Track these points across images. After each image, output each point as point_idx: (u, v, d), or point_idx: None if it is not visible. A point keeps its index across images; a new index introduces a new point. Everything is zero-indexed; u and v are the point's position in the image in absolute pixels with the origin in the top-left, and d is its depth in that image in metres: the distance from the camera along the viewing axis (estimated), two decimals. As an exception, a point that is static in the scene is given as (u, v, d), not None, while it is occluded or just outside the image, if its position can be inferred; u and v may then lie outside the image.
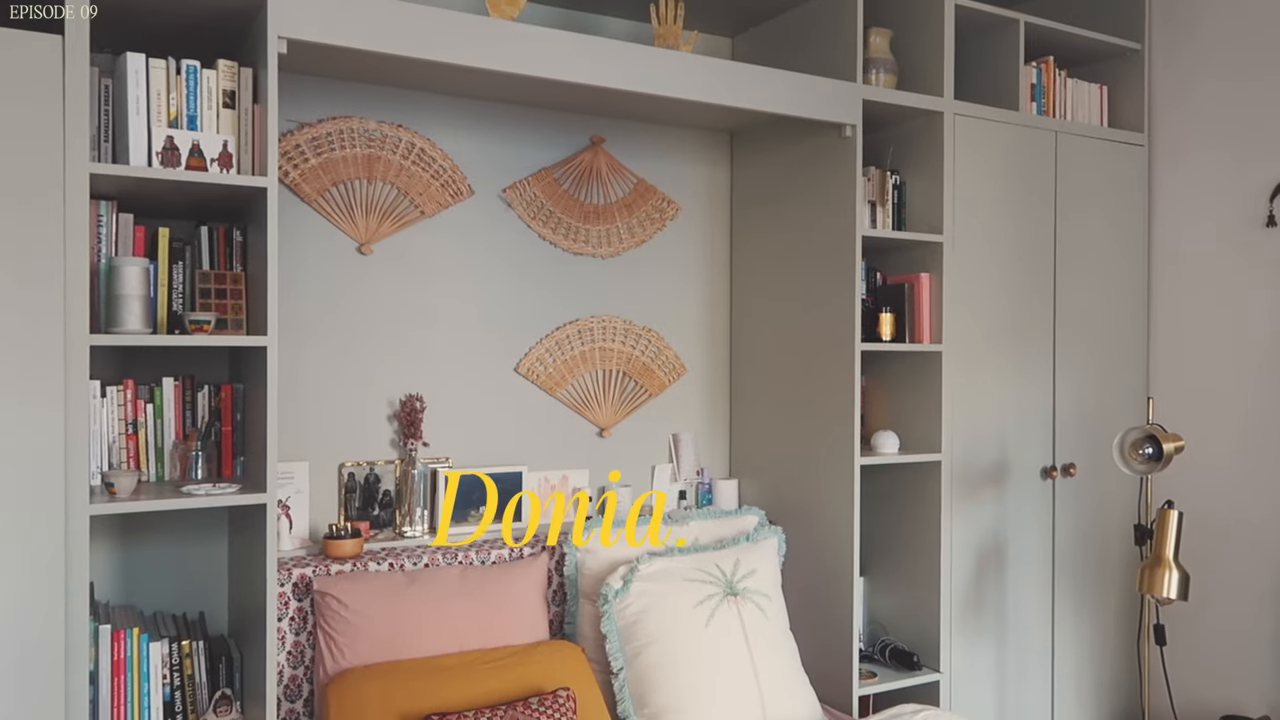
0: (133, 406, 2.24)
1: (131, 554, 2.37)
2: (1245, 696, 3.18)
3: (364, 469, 2.67)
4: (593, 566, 2.62)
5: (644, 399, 3.12)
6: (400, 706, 2.17)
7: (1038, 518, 3.17)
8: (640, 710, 2.40)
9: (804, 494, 2.95)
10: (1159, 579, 2.66)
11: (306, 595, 2.41)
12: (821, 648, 2.85)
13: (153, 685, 2.19)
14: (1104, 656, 3.32)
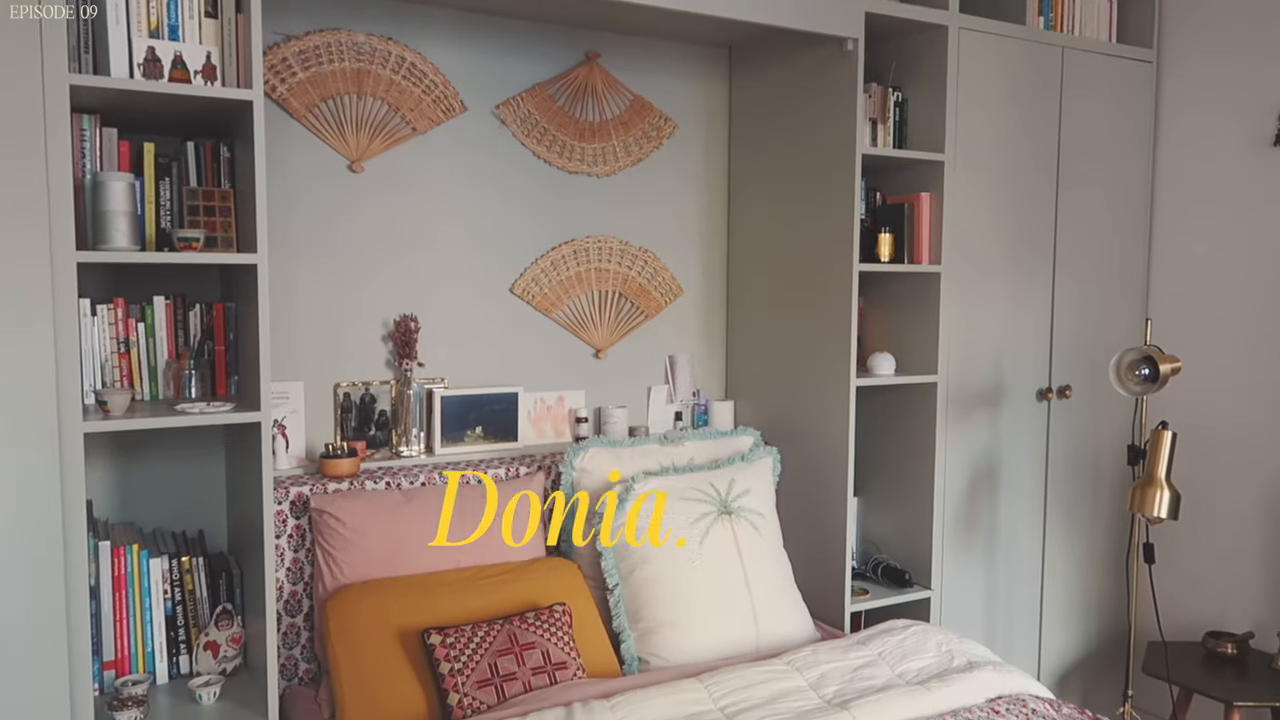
0: (124, 325, 2.22)
1: (129, 473, 2.38)
2: (1230, 613, 3.24)
3: (359, 389, 2.67)
4: (589, 485, 2.63)
5: (640, 320, 3.11)
6: (398, 621, 2.21)
7: (1031, 439, 3.18)
8: (635, 625, 2.44)
9: (799, 415, 2.96)
10: (1150, 498, 2.69)
11: (304, 513, 2.43)
12: (815, 566, 2.89)
13: (154, 600, 2.22)
14: (1092, 575, 3.37)
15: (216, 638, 2.25)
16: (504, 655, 2.16)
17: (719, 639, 2.44)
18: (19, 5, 1.77)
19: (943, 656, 2.38)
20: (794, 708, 2.10)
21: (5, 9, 1.77)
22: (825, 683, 2.22)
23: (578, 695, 2.10)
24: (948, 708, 2.17)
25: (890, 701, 2.13)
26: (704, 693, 2.13)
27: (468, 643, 2.15)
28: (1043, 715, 2.18)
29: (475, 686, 2.09)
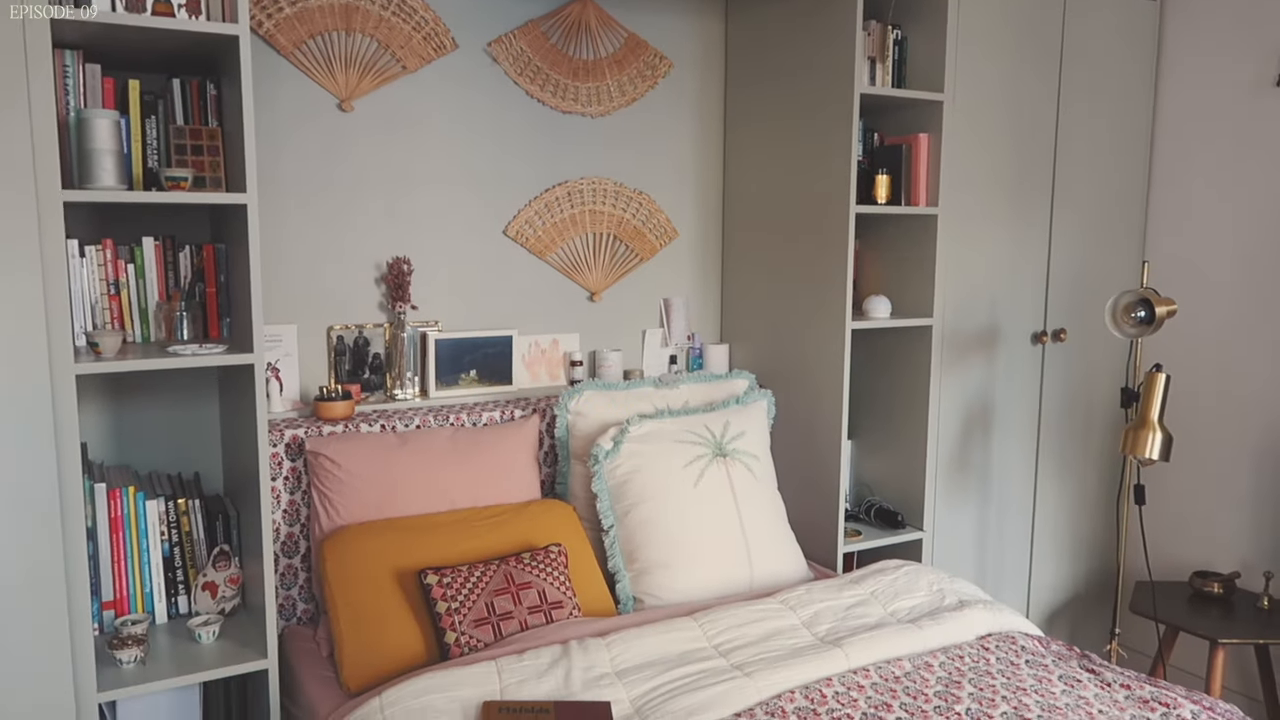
0: (113, 266, 2.19)
1: (123, 416, 2.37)
2: (1217, 554, 3.28)
3: (353, 332, 2.66)
4: (583, 428, 2.64)
5: (635, 263, 3.09)
6: (395, 561, 2.22)
7: (1025, 383, 3.19)
8: (630, 565, 2.46)
9: (794, 358, 2.96)
10: (1142, 440, 2.70)
11: (299, 456, 2.43)
12: (808, 507, 2.91)
13: (151, 542, 2.23)
14: (1083, 517, 3.40)
15: (214, 578, 2.27)
16: (500, 595, 2.18)
17: (713, 579, 2.46)
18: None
19: (934, 595, 2.41)
20: (787, 645, 2.13)
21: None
22: (818, 621, 2.25)
23: (574, 634, 2.12)
24: (939, 645, 2.21)
25: (882, 639, 2.16)
26: (698, 631, 2.16)
27: (464, 583, 2.16)
28: (1032, 652, 2.21)
29: (472, 625, 2.12)
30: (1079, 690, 2.04)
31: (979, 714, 1.91)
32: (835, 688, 1.98)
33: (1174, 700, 1.99)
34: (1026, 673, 2.10)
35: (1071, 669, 2.14)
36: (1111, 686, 2.06)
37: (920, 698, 1.97)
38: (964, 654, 2.17)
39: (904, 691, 1.99)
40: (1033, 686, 2.04)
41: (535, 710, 1.80)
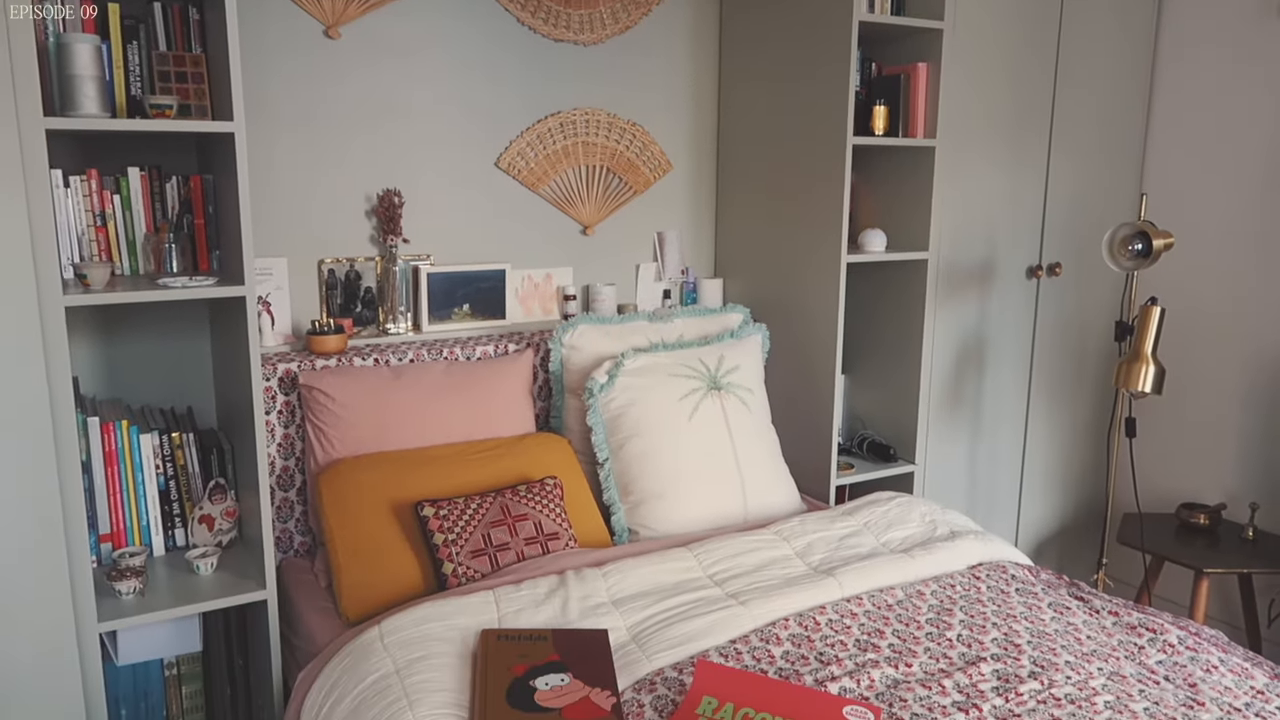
0: (99, 198, 2.16)
1: (115, 350, 2.35)
2: (1205, 486, 3.32)
3: (344, 265, 2.63)
4: (578, 362, 2.63)
5: (628, 196, 3.05)
6: (391, 494, 2.23)
7: (1019, 317, 3.19)
8: (625, 498, 2.47)
9: (789, 292, 2.94)
10: (1135, 373, 2.71)
11: (293, 390, 2.42)
12: (802, 441, 2.93)
13: (146, 475, 2.22)
14: (1073, 450, 3.43)
15: (211, 511, 2.27)
16: (497, 526, 2.19)
17: (708, 511, 2.48)
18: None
19: (926, 526, 2.44)
20: (781, 575, 2.15)
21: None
22: (812, 551, 2.28)
23: (570, 564, 2.14)
24: (930, 574, 2.24)
25: (875, 569, 2.19)
26: (693, 561, 2.18)
27: (460, 514, 2.18)
28: (1022, 580, 2.24)
29: (469, 556, 2.13)
30: (1068, 617, 2.07)
31: (970, 640, 1.95)
32: (829, 615, 2.01)
33: (1160, 626, 2.02)
34: (1016, 600, 2.14)
35: (1061, 597, 2.17)
36: (1100, 613, 2.10)
37: (912, 624, 2.00)
38: (955, 583, 2.20)
39: (896, 619, 2.02)
40: (1023, 614, 2.07)
41: (533, 638, 1.82)
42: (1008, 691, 1.76)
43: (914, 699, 1.72)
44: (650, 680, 1.76)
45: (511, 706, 1.61)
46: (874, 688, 1.77)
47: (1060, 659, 1.88)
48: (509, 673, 1.71)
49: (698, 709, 1.66)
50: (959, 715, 1.68)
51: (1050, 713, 1.70)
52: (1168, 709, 1.73)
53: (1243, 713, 1.73)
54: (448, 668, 1.74)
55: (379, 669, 1.75)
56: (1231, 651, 1.94)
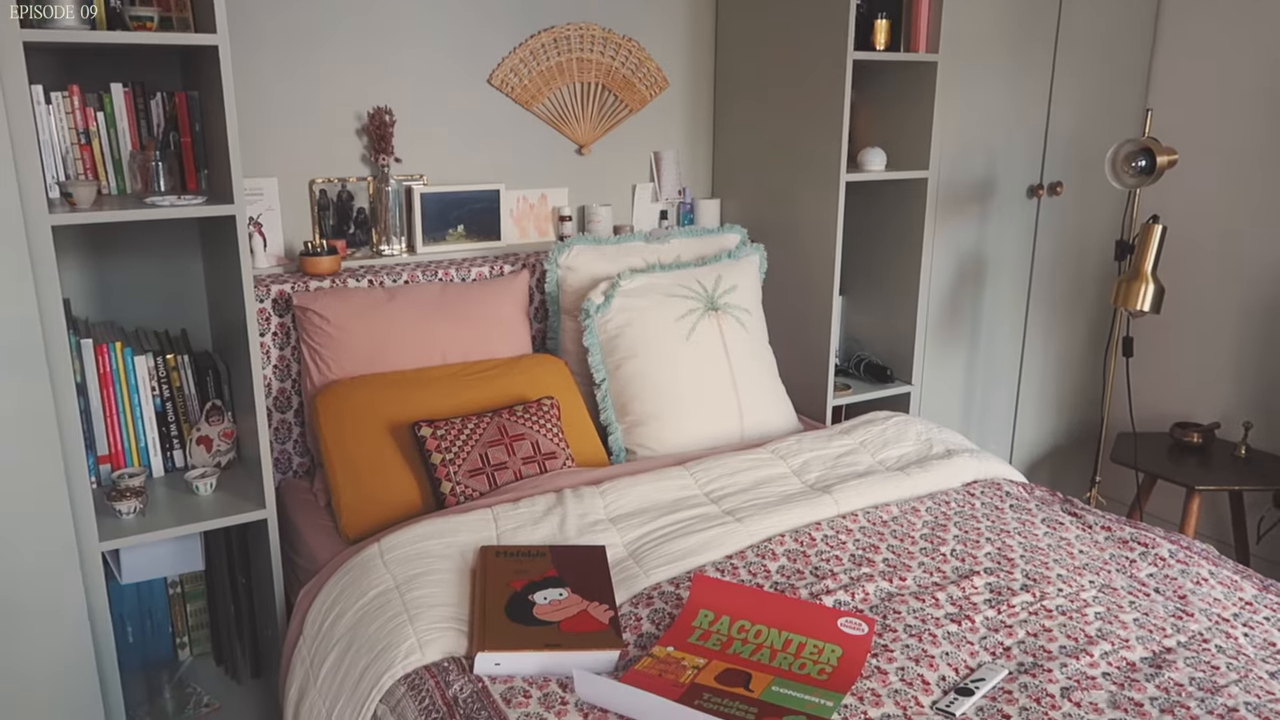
0: (82, 115, 2.11)
1: (106, 272, 2.33)
2: (1199, 406, 3.33)
3: (335, 185, 2.59)
4: (574, 283, 2.61)
5: (624, 114, 2.99)
6: (388, 414, 2.23)
7: (1019, 237, 3.16)
8: (622, 418, 2.48)
9: (787, 212, 2.91)
10: (1134, 292, 2.70)
11: (287, 311, 2.41)
12: (799, 362, 2.92)
13: (143, 397, 2.22)
14: (1069, 371, 3.43)
15: (208, 433, 2.27)
16: (494, 446, 2.20)
17: (705, 431, 2.49)
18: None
19: (922, 444, 2.45)
20: (777, 492, 2.17)
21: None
22: (808, 469, 2.29)
23: (567, 482, 2.15)
24: (925, 491, 2.25)
25: (870, 486, 2.20)
26: (690, 479, 2.19)
27: (458, 434, 2.18)
28: (1016, 497, 2.26)
29: (467, 475, 2.14)
30: (1061, 532, 2.09)
31: (963, 554, 1.97)
32: (824, 531, 2.03)
33: (1152, 540, 2.05)
34: (1010, 516, 2.16)
35: (1054, 512, 2.19)
36: (1092, 528, 2.12)
37: (907, 540, 2.02)
38: (950, 500, 2.22)
39: (891, 534, 2.04)
40: (1016, 529, 2.09)
41: (532, 554, 1.84)
42: (1000, 603, 1.78)
43: (908, 611, 1.75)
44: (647, 594, 1.79)
45: (510, 619, 1.64)
46: (868, 601, 1.80)
47: (1052, 572, 1.90)
48: (507, 587, 1.73)
49: (694, 622, 1.68)
50: (952, 626, 1.71)
51: (1041, 623, 1.73)
52: (1157, 619, 1.76)
53: (1230, 623, 1.76)
54: (447, 583, 1.76)
55: (379, 585, 1.78)
56: (1221, 564, 1.97)
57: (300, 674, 1.79)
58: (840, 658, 1.59)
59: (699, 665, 1.56)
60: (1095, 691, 1.54)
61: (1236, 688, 1.55)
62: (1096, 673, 1.59)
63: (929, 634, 1.68)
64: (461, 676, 1.55)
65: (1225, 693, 1.54)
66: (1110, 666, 1.61)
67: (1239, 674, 1.59)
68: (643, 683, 1.50)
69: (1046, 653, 1.64)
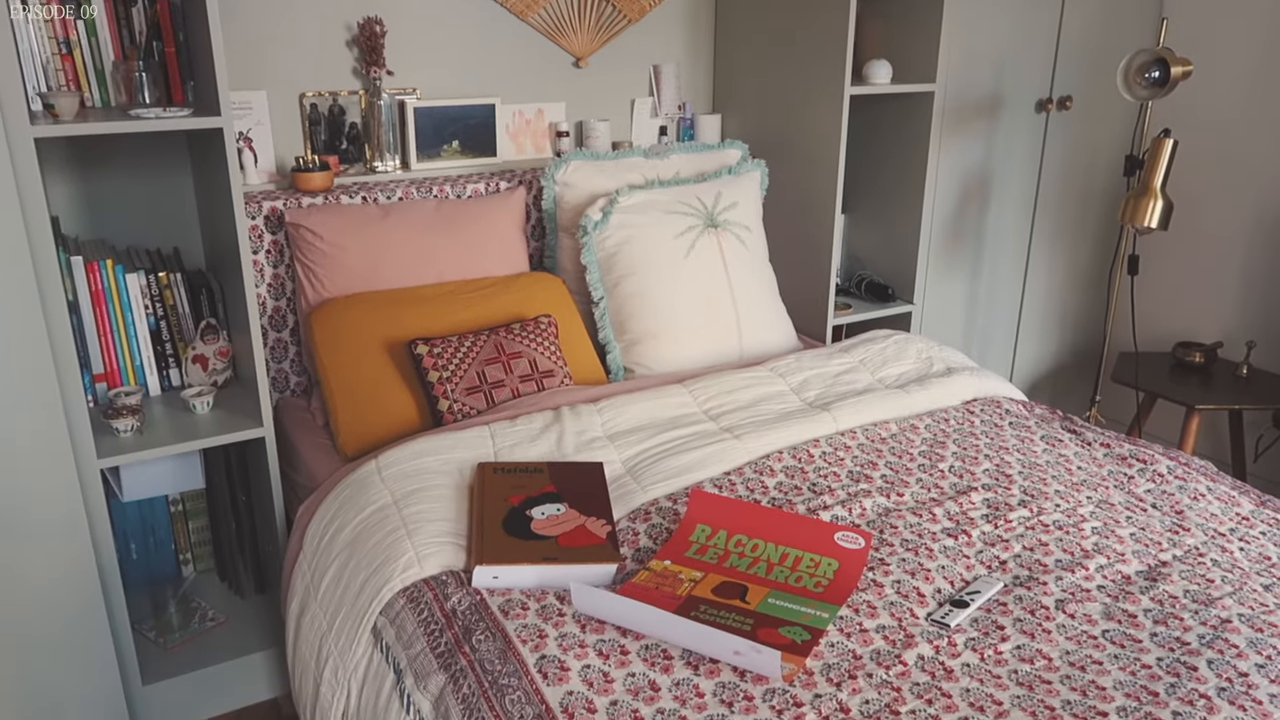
0: (61, 24, 2.04)
1: (94, 189, 2.28)
2: (1203, 326, 3.31)
3: (326, 99, 2.52)
4: (571, 200, 2.56)
5: (622, 25, 2.90)
6: (384, 332, 2.21)
7: (1027, 152, 3.10)
8: (620, 337, 2.46)
9: (789, 127, 2.84)
10: (1143, 208, 2.65)
11: (280, 228, 2.37)
12: (799, 281, 2.89)
13: (136, 315, 2.20)
14: (1071, 289, 3.40)
15: (204, 351, 2.26)
16: (491, 364, 2.18)
17: (703, 350, 2.47)
18: None
19: (922, 363, 2.44)
20: (776, 410, 2.16)
21: None
22: (807, 387, 2.28)
23: (565, 400, 2.14)
24: (925, 409, 2.24)
25: (869, 404, 2.19)
26: (688, 396, 2.18)
27: (455, 352, 2.16)
28: (1015, 415, 2.25)
29: (464, 393, 2.13)
30: (1059, 449, 2.09)
31: (961, 471, 1.97)
32: (822, 448, 2.03)
33: (1151, 457, 2.05)
34: (1009, 433, 2.15)
35: (1053, 430, 2.19)
36: (1091, 445, 2.11)
37: (905, 457, 2.02)
38: (949, 417, 2.21)
39: (889, 451, 2.04)
40: (1015, 446, 2.09)
41: (529, 470, 1.84)
42: (997, 519, 1.79)
43: (904, 526, 1.75)
44: (645, 510, 1.79)
45: (508, 534, 1.64)
46: (865, 516, 1.80)
47: (1050, 488, 1.91)
48: (505, 503, 1.73)
49: (691, 536, 1.69)
50: (948, 541, 1.71)
51: (1038, 538, 1.74)
52: (1153, 534, 1.76)
53: (1226, 537, 1.76)
54: (444, 499, 1.76)
55: (377, 501, 1.78)
56: (1219, 480, 1.97)
57: (301, 588, 1.80)
58: (836, 571, 1.60)
59: (696, 579, 1.57)
60: (1090, 604, 1.55)
61: (1230, 600, 1.56)
62: (1091, 586, 1.60)
63: (925, 548, 1.68)
64: (460, 589, 1.56)
65: (1219, 605, 1.55)
66: (1105, 580, 1.62)
67: (1233, 586, 1.60)
68: (640, 595, 1.51)
69: (1042, 566, 1.65)
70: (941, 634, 1.46)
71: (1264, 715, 1.30)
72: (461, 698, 1.35)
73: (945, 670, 1.39)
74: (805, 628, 1.45)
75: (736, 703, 1.32)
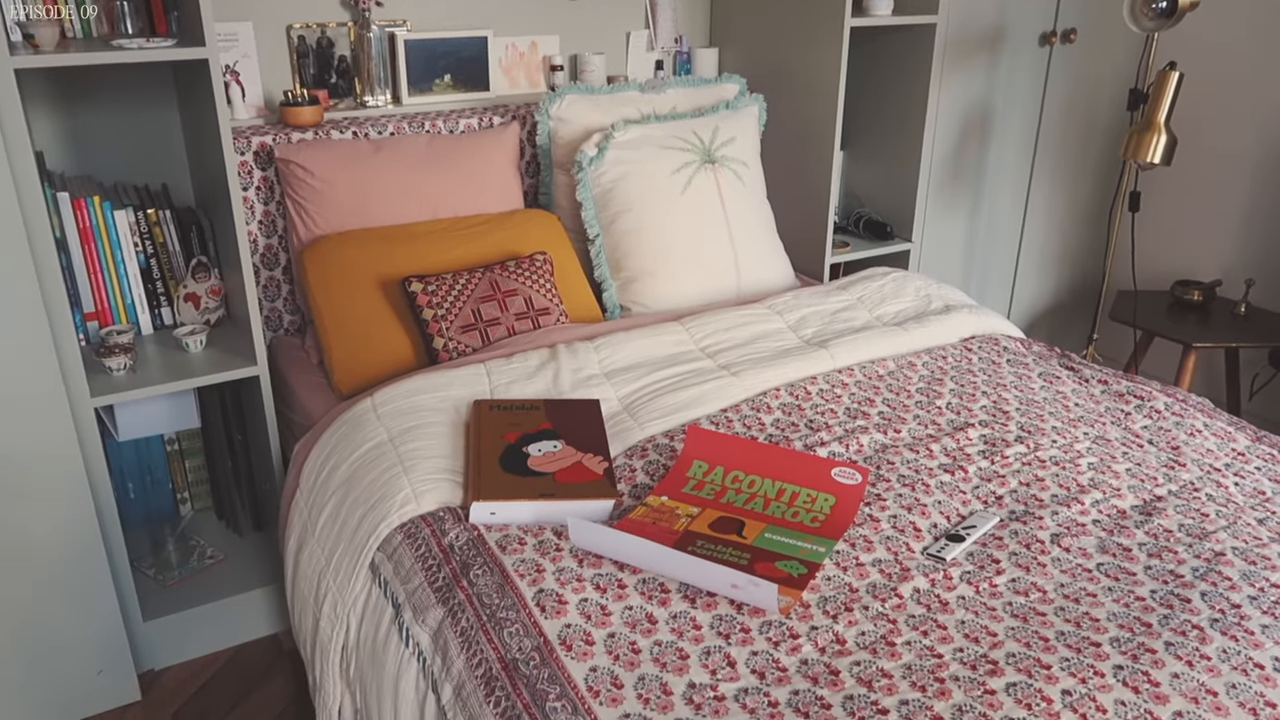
0: (39, -50, 1.98)
1: (79, 124, 2.24)
2: (1203, 264, 3.29)
3: (315, 32, 2.46)
4: (566, 135, 2.52)
5: (617, -46, 2.83)
6: (378, 270, 2.18)
7: (1029, 86, 3.05)
8: (616, 275, 2.43)
9: (788, 61, 2.78)
10: (1146, 143, 2.61)
11: (270, 164, 2.33)
12: (797, 218, 2.86)
13: (126, 253, 2.17)
14: (1071, 227, 3.37)
15: (195, 289, 2.23)
16: (486, 302, 2.16)
17: (700, 287, 2.45)
18: None
19: (920, 300, 2.42)
20: (773, 347, 2.15)
21: None
22: (804, 325, 2.26)
23: (561, 338, 2.13)
24: (923, 346, 2.24)
25: (867, 341, 2.18)
26: (685, 334, 2.17)
27: (449, 290, 2.14)
28: (1013, 352, 2.25)
29: (459, 331, 2.12)
30: (1057, 386, 2.09)
31: (959, 408, 1.96)
32: (820, 385, 2.02)
33: (1149, 394, 2.04)
34: (1007, 370, 2.15)
35: (1051, 367, 2.18)
36: (1089, 382, 2.11)
37: (902, 394, 2.01)
38: (947, 354, 2.20)
39: (887, 388, 2.03)
40: (1012, 383, 2.08)
41: (525, 407, 1.83)
42: (994, 454, 1.79)
43: (901, 462, 1.75)
44: (642, 447, 1.79)
45: (505, 471, 1.64)
46: (862, 452, 1.80)
47: (1047, 424, 1.90)
48: (502, 440, 1.72)
49: (688, 472, 1.69)
50: (945, 476, 1.72)
51: (1034, 473, 1.74)
52: (1149, 469, 1.77)
53: (1221, 472, 1.77)
54: (441, 436, 1.76)
55: (373, 438, 1.77)
56: (1216, 416, 1.97)
57: (299, 525, 1.81)
58: (833, 506, 1.60)
59: (693, 514, 1.58)
60: (1085, 538, 1.56)
61: (1224, 534, 1.57)
62: (1087, 520, 1.61)
63: (922, 484, 1.68)
64: (457, 525, 1.56)
65: (1213, 538, 1.56)
66: (1100, 514, 1.63)
67: (1228, 521, 1.61)
68: (637, 530, 1.51)
69: (1038, 501, 1.66)
70: (937, 568, 1.47)
71: (1256, 645, 1.31)
72: (460, 630, 1.36)
73: (940, 603, 1.40)
74: (802, 562, 1.45)
75: (733, 635, 1.33)
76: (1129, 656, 1.29)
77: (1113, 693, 1.22)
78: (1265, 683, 1.25)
